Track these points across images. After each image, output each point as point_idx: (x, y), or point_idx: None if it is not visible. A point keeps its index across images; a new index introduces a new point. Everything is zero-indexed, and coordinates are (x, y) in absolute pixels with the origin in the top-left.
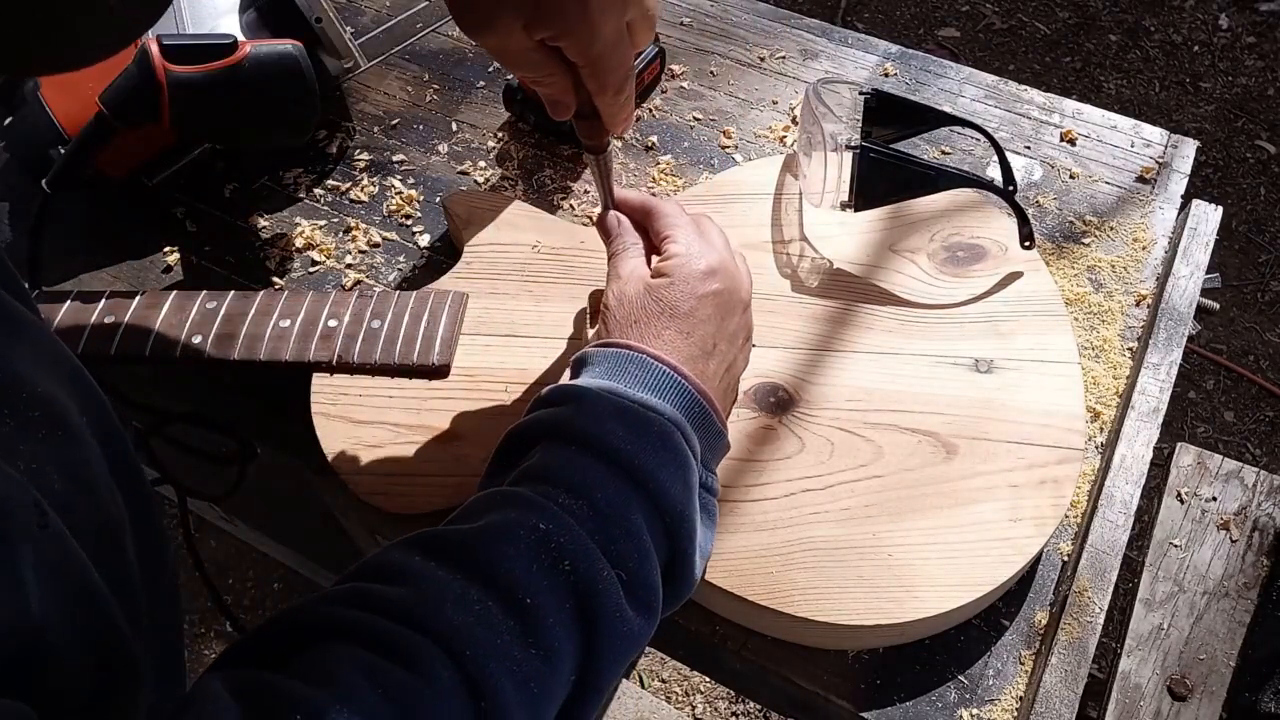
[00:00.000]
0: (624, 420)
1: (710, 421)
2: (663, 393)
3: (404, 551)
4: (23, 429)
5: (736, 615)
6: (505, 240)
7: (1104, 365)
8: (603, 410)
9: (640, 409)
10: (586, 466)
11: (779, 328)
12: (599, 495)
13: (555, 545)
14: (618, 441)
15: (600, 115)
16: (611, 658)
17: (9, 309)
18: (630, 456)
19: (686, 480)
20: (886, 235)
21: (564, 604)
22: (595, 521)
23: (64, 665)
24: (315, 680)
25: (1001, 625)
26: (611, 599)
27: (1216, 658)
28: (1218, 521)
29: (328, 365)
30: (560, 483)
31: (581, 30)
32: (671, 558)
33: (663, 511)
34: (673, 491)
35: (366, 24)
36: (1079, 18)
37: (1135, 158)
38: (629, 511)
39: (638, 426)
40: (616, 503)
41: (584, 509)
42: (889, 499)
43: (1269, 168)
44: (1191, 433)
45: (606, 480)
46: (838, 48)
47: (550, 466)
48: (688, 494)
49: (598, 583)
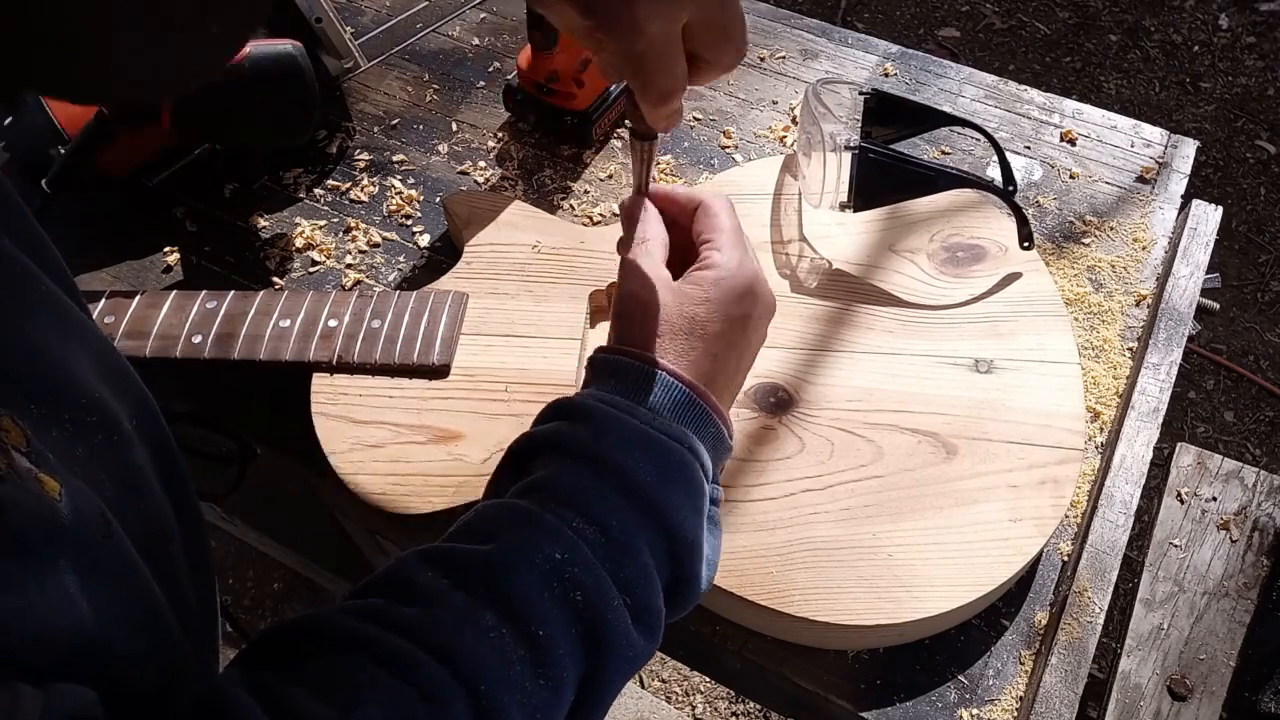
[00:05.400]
0: (647, 450)
1: (722, 439)
2: (686, 419)
3: (422, 568)
4: (80, 434)
5: (736, 615)
6: (505, 240)
7: (1104, 365)
8: (628, 437)
9: (664, 439)
10: (605, 493)
11: (779, 328)
12: (614, 523)
13: (569, 576)
14: (640, 475)
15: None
16: (613, 680)
17: (66, 311)
18: (650, 489)
19: (697, 506)
20: (886, 235)
21: (573, 634)
22: (608, 549)
23: (128, 678)
24: (334, 700)
25: (1001, 625)
26: (620, 627)
27: (1216, 658)
28: (1218, 521)
29: (328, 365)
30: (576, 506)
31: (624, 28)
32: (676, 580)
33: (675, 541)
34: (686, 522)
35: (366, 24)
36: (1079, 18)
37: (1135, 158)
38: (640, 540)
39: (661, 458)
40: (630, 532)
41: (597, 536)
42: (889, 499)
43: (1269, 168)
44: (1191, 433)
45: (624, 509)
46: (838, 48)
47: (567, 487)
48: (698, 519)
49: (608, 613)
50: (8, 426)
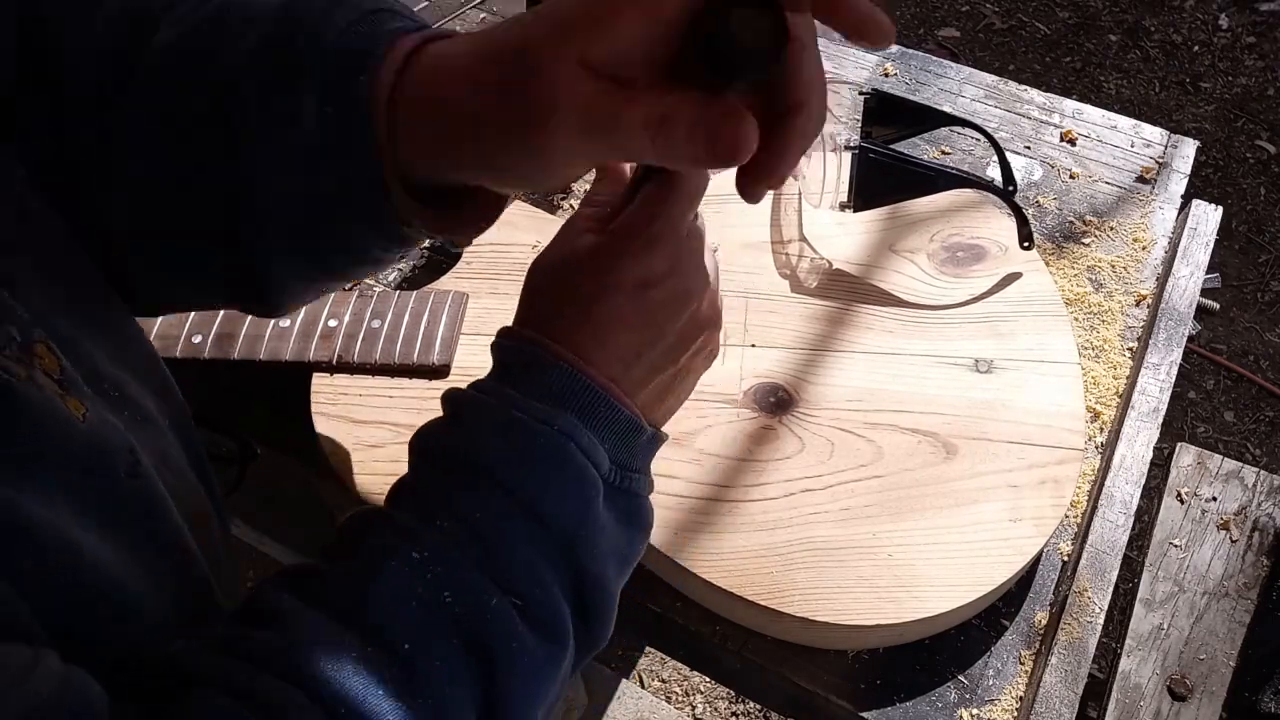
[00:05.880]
0: (507, 436)
1: (618, 414)
2: (558, 394)
3: (278, 593)
4: (117, 406)
5: (737, 615)
6: (505, 240)
7: (1104, 365)
8: (485, 425)
9: (529, 421)
10: (462, 488)
11: (778, 328)
12: (478, 516)
13: (432, 576)
14: (494, 461)
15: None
16: (519, 693)
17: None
18: (508, 477)
19: (583, 494)
20: (886, 235)
21: (450, 640)
22: (477, 547)
23: (144, 613)
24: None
25: (1001, 625)
26: (503, 627)
27: (1216, 658)
28: (1218, 521)
29: (328, 365)
30: (436, 507)
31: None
32: (577, 578)
33: (554, 531)
34: (564, 508)
35: None
36: (1079, 18)
37: (1135, 158)
38: (513, 534)
39: (523, 441)
40: (499, 525)
41: (464, 533)
42: (889, 499)
43: (1269, 168)
44: (1191, 433)
45: (485, 502)
46: (838, 48)
47: (426, 488)
48: (585, 508)
49: (485, 611)
50: (42, 353)
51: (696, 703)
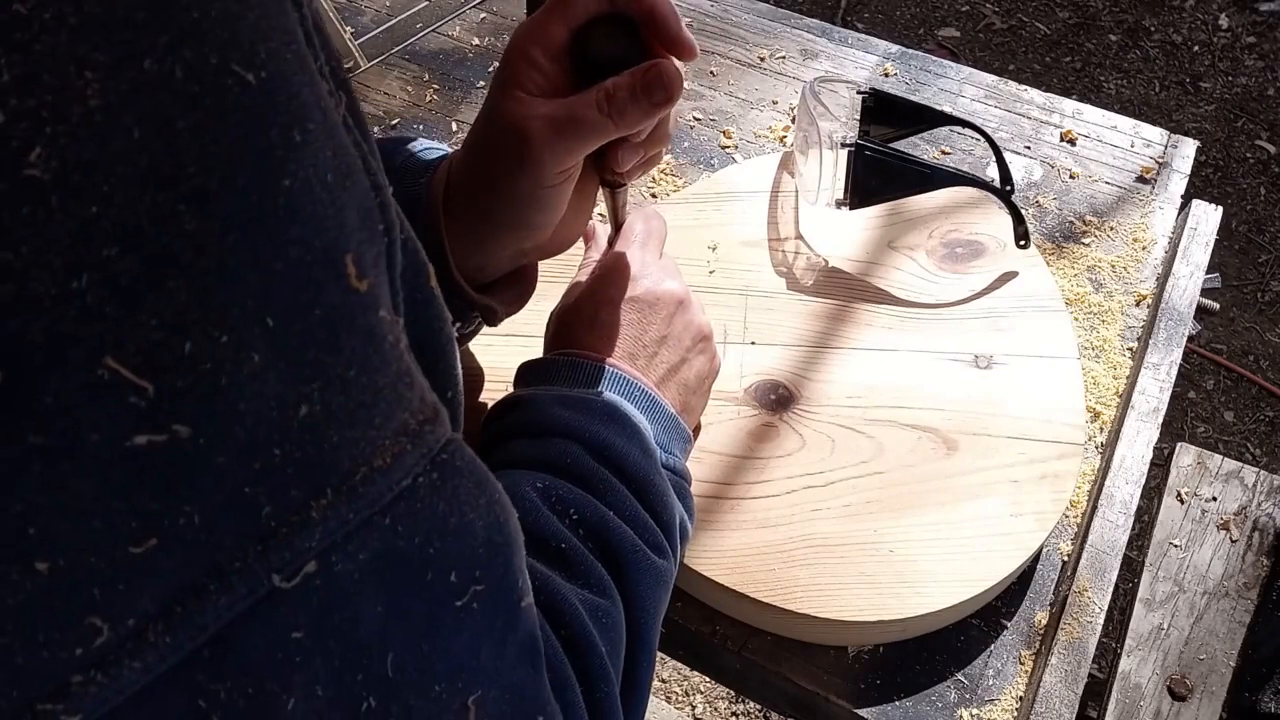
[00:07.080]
0: (566, 404)
1: (659, 406)
2: (598, 381)
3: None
4: None
5: (738, 612)
6: None
7: (1104, 365)
8: (543, 401)
9: (579, 395)
10: (547, 448)
11: (778, 325)
12: (569, 462)
13: (556, 498)
14: (566, 419)
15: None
16: (647, 599)
17: None
18: (581, 427)
19: (644, 446)
20: (886, 232)
21: (587, 545)
22: (577, 483)
23: None
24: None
25: (1001, 625)
26: (626, 537)
27: (1216, 658)
28: (1218, 521)
29: None
30: (531, 465)
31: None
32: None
33: (629, 477)
34: (631, 455)
35: (366, 24)
36: (1079, 18)
37: (1135, 158)
38: (600, 473)
39: (580, 406)
40: (587, 468)
41: (561, 476)
42: (890, 495)
43: (1269, 168)
44: (1191, 433)
45: (568, 452)
46: (838, 48)
47: (514, 459)
48: (648, 460)
49: (608, 522)
50: None
51: (696, 702)
